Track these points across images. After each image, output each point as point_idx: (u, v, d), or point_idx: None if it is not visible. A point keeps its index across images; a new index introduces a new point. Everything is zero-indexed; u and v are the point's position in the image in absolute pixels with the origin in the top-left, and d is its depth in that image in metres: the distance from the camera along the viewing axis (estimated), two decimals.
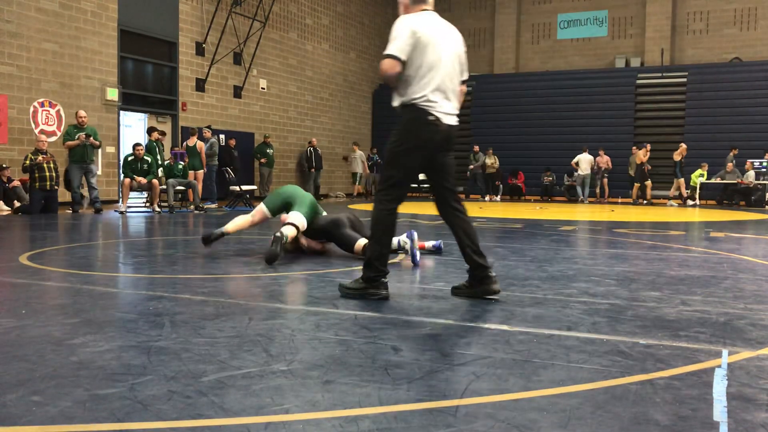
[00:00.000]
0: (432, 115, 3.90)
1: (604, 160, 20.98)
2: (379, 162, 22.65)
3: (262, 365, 2.59)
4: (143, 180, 12.54)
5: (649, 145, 19.42)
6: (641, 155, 19.09)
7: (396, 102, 4.04)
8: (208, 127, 16.23)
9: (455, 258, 6.07)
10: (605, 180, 20.99)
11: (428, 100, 3.91)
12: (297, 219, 5.91)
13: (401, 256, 6.04)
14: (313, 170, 20.17)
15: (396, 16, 4.30)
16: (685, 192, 19.03)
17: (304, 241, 6.23)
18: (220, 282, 4.60)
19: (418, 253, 5.39)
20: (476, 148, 22.43)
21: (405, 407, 2.16)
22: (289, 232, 5.73)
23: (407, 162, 3.98)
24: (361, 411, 2.12)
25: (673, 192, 18.97)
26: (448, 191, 4.14)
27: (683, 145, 19.02)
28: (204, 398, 2.21)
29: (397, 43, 3.96)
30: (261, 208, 6.29)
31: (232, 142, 17.05)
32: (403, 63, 3.97)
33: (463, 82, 4.18)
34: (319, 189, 20.52)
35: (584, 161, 20.69)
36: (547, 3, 25.10)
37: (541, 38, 25.35)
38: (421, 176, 6.14)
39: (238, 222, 6.33)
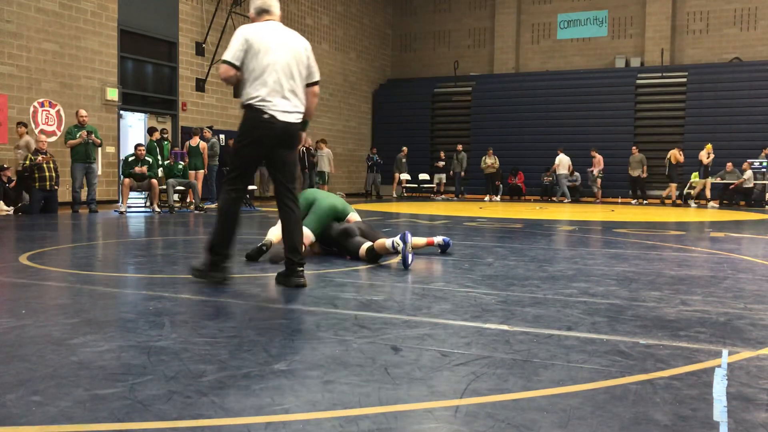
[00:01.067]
0: (266, 113, 4.33)
1: (597, 160, 20.99)
2: (379, 162, 22.61)
3: (262, 365, 2.59)
4: (144, 169, 12.56)
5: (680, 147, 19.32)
6: (676, 154, 19.00)
7: (240, 102, 4.50)
8: (209, 127, 16.23)
9: (456, 258, 6.07)
10: (599, 181, 21.01)
11: (263, 100, 4.33)
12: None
13: (397, 258, 6.04)
14: (306, 170, 20.06)
15: (395, 16, 4.36)
16: (705, 193, 18.69)
17: (317, 249, 6.25)
18: (220, 282, 4.60)
19: (410, 256, 5.39)
20: (459, 146, 22.36)
21: (405, 407, 2.16)
22: (273, 238, 5.93)
23: (246, 156, 4.48)
24: (361, 411, 2.12)
25: (697, 191, 18.62)
26: (283, 186, 4.50)
27: (709, 145, 18.85)
28: (204, 398, 2.21)
29: (231, 51, 4.38)
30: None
31: (232, 143, 17.06)
32: (238, 68, 4.39)
33: (314, 84, 4.63)
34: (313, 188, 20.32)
35: (563, 162, 20.85)
36: (547, 3, 25.09)
37: (541, 38, 25.35)
38: (423, 176, 6.12)
39: (277, 232, 6.19)
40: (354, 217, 6.27)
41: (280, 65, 4.37)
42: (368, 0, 25.30)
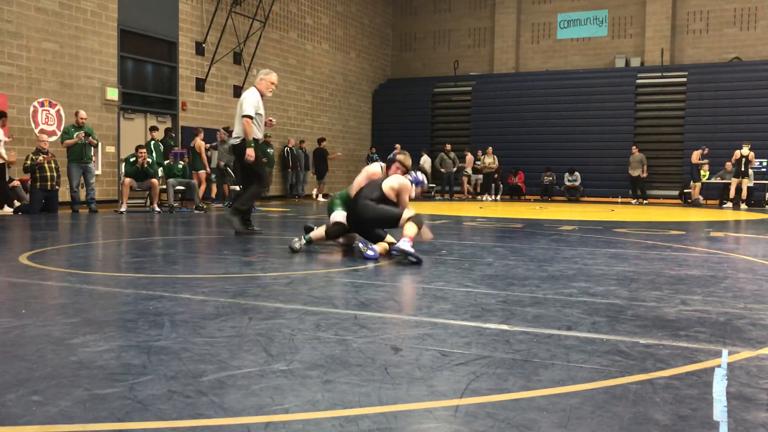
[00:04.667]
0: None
1: (469, 159, 21.48)
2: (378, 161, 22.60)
3: (262, 365, 2.59)
4: (144, 153, 12.57)
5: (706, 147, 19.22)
6: (696, 156, 18.97)
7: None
8: (225, 129, 16.16)
9: (456, 258, 6.07)
10: (466, 178, 21.81)
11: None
12: (338, 216, 6.43)
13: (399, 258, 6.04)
14: (290, 170, 20.08)
15: (395, 15, 4.37)
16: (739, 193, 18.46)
17: (343, 239, 6.60)
18: (220, 281, 4.60)
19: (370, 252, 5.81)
20: (447, 146, 22.25)
21: (405, 407, 2.16)
22: (314, 234, 6.42)
23: None
24: (361, 411, 2.12)
25: (733, 193, 18.41)
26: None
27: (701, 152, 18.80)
28: (204, 398, 2.21)
29: None
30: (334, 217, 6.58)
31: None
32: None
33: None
34: (293, 188, 20.31)
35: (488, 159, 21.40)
36: (547, 3, 25.09)
37: (541, 38, 25.34)
38: (422, 177, 6.22)
39: (321, 231, 6.49)
40: None
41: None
42: (368, 0, 25.30)
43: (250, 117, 7.61)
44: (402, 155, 6.43)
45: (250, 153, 7.63)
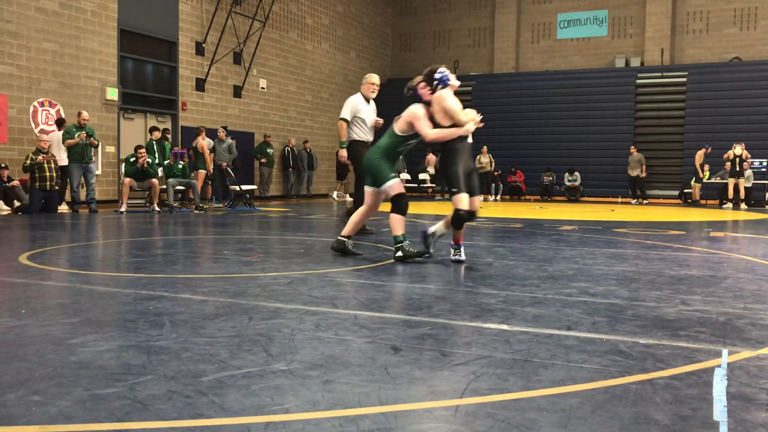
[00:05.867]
0: None
1: (429, 159, 21.17)
2: None
3: (262, 365, 2.59)
4: (143, 153, 12.58)
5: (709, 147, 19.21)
6: (700, 156, 18.98)
7: None
8: (224, 128, 16.16)
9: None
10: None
11: None
12: (396, 186, 5.82)
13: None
14: (290, 170, 20.16)
15: (395, 15, 4.36)
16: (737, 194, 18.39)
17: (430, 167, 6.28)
18: (220, 281, 4.60)
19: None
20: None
21: (405, 407, 2.16)
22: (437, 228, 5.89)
23: None
24: (361, 411, 2.12)
25: (731, 194, 18.37)
26: None
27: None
28: (204, 398, 2.21)
29: None
30: (367, 191, 5.99)
31: (234, 142, 17.03)
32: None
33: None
34: (294, 189, 20.44)
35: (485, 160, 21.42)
36: (547, 2, 25.08)
37: (541, 38, 25.34)
38: (423, 176, 6.12)
39: (355, 220, 6.08)
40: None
41: None
42: (368, 0, 25.30)
43: (345, 120, 8.11)
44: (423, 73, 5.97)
45: (342, 154, 8.07)
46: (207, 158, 14.51)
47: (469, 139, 5.76)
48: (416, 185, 23.47)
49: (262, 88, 19.76)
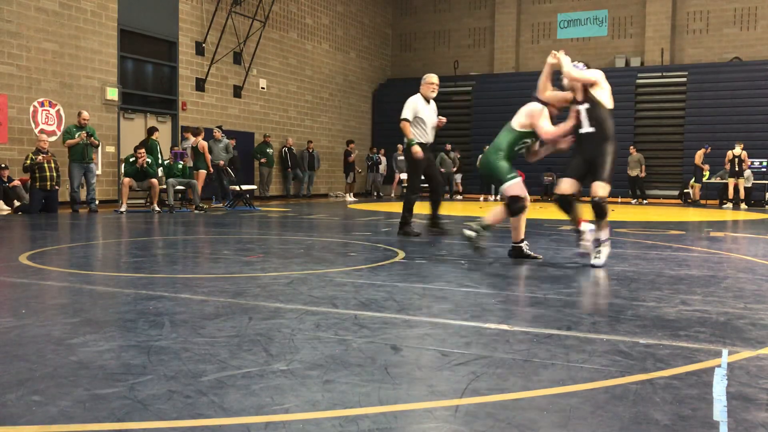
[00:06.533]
0: None
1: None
2: (379, 161, 22.63)
3: (262, 365, 2.59)
4: (143, 153, 12.58)
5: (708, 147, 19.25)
6: (700, 156, 19.05)
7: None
8: (219, 127, 16.15)
9: (456, 257, 6.07)
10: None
11: None
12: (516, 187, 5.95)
13: (398, 257, 6.03)
14: (289, 170, 20.19)
15: (395, 15, 4.37)
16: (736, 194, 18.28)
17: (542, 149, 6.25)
18: (220, 281, 4.61)
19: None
20: (448, 146, 22.15)
21: (405, 407, 2.16)
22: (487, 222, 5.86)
23: None
24: (361, 411, 2.12)
25: (731, 194, 18.30)
26: None
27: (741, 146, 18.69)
28: (204, 398, 2.21)
29: None
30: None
31: (232, 142, 17.04)
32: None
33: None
34: (293, 189, 20.50)
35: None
36: (547, 2, 25.08)
37: (541, 38, 25.33)
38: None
39: (513, 224, 6.09)
40: None
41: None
42: (368, 0, 25.30)
43: (407, 120, 8.19)
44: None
45: (415, 150, 8.02)
46: (207, 158, 14.50)
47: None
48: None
49: (262, 88, 19.77)
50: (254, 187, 17.03)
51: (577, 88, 5.70)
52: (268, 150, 19.16)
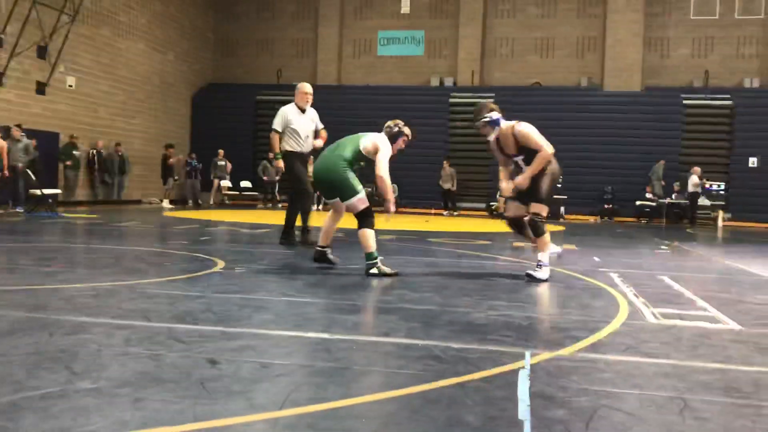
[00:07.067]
0: None
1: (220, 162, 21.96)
2: (199, 167, 21.85)
3: (63, 384, 2.38)
4: None
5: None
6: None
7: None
8: (18, 126, 14.69)
9: (276, 267, 6.01)
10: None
11: None
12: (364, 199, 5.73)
13: (218, 267, 5.87)
14: (96, 174, 19.10)
15: (217, 20, 4.23)
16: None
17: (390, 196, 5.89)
18: (16, 294, 4.19)
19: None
20: (271, 155, 22.21)
21: (222, 422, 2.09)
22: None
23: None
24: (175, 429, 2.01)
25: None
26: None
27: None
28: None
29: None
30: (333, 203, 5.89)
31: (34, 142, 15.64)
32: None
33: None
34: (105, 195, 19.42)
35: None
36: (368, 19, 25.77)
37: (362, 53, 25.96)
38: (246, 183, 6.02)
39: (325, 228, 5.97)
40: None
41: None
42: (189, 2, 24.47)
43: (276, 131, 8.07)
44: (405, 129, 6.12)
45: (278, 164, 8.05)
46: (5, 159, 13.17)
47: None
48: (238, 192, 23.02)
49: (70, 86, 18.39)
50: (58, 191, 15.77)
51: (510, 145, 6.03)
52: (74, 152, 17.84)
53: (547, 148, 5.77)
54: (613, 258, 8.11)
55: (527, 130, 5.84)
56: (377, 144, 5.77)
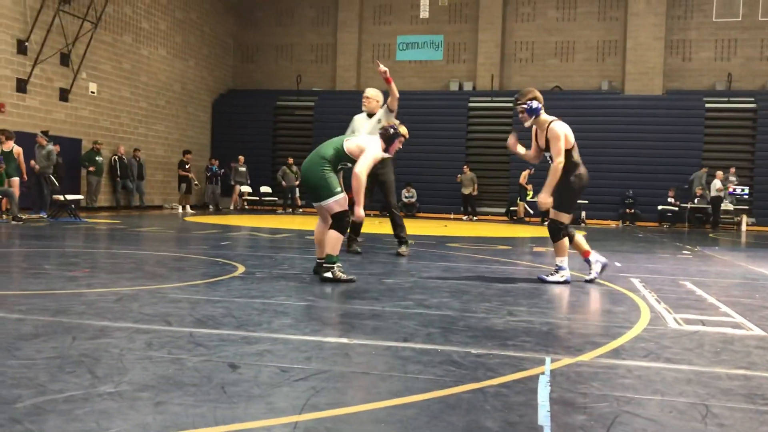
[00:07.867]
0: None
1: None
2: (219, 173, 22.01)
3: (86, 388, 2.41)
4: None
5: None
6: (524, 177, 20.39)
7: None
8: (44, 132, 14.89)
9: (296, 272, 6.03)
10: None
11: None
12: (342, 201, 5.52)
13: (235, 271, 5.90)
14: (118, 179, 19.28)
15: (237, 26, 4.26)
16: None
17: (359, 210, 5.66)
18: (39, 298, 4.25)
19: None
20: (290, 160, 22.29)
21: (242, 426, 2.10)
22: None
23: None
24: None
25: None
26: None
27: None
28: (18, 426, 2.01)
29: None
30: (317, 206, 5.64)
31: (57, 148, 15.85)
32: None
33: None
34: (124, 200, 19.62)
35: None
36: (387, 24, 25.84)
37: (381, 58, 26.00)
38: (265, 188, 5.99)
39: (317, 241, 5.77)
40: None
41: None
42: (209, 8, 24.69)
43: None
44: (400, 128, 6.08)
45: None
46: (22, 164, 13.33)
47: None
48: (257, 198, 23.15)
49: (92, 92, 18.63)
50: (81, 197, 15.96)
51: (542, 138, 6.05)
52: (97, 158, 18.05)
53: (560, 159, 5.77)
54: (634, 263, 8.05)
55: (558, 132, 5.85)
56: (362, 145, 5.63)
